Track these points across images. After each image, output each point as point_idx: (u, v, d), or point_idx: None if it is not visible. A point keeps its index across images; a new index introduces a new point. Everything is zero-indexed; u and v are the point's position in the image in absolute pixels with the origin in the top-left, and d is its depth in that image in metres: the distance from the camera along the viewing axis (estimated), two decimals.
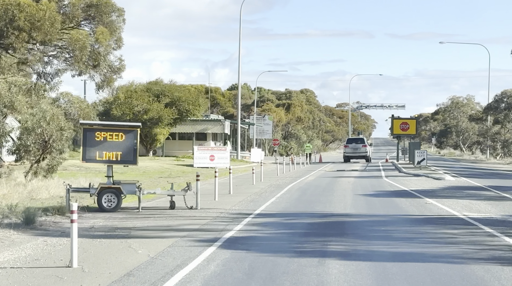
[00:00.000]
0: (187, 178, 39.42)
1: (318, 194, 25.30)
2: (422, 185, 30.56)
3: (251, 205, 21.26)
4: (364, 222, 16.61)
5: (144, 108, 56.27)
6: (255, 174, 35.03)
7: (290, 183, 32.55)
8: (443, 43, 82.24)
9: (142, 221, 16.91)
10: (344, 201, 22.36)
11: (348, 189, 27.89)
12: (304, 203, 21.88)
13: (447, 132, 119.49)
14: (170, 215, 18.41)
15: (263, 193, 26.15)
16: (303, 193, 26.32)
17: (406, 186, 29.88)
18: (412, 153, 56.71)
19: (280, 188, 28.96)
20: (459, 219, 17.03)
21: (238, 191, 27.53)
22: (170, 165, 50.53)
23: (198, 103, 58.79)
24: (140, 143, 60.71)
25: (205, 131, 62.63)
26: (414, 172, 40.53)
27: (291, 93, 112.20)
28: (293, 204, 21.62)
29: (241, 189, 28.82)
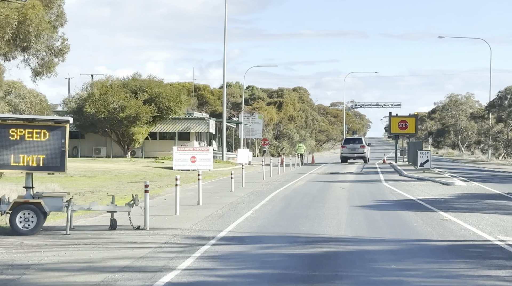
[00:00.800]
0: (162, 182, 34.73)
1: (305, 206, 20.63)
2: (430, 192, 25.91)
3: (219, 222, 16.58)
4: (365, 252, 11.94)
5: (120, 105, 51.52)
6: (237, 179, 30.39)
7: (275, 190, 27.91)
8: (442, 37, 77.35)
9: (58, 251, 12.20)
10: (337, 216, 17.69)
11: (343, 198, 23.23)
12: (286, 219, 17.20)
13: (445, 131, 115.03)
14: (105, 239, 13.72)
15: (240, 204, 21.47)
16: (288, 203, 21.65)
17: (411, 193, 25.25)
18: (412, 153, 52.13)
19: (261, 197, 24.30)
20: (498, 248, 12.35)
21: (210, 201, 22.85)
22: (147, 168, 45.85)
23: (179, 100, 54.02)
24: (117, 143, 56.15)
25: (188, 130, 57.89)
26: (416, 175, 35.91)
27: (283, 91, 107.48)
28: (273, 220, 16.95)
29: (214, 198, 24.13)
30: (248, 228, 15.54)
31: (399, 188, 28.22)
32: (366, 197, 23.92)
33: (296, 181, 34.69)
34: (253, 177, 38.59)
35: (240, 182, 30.83)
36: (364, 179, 35.72)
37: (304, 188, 29.30)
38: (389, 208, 19.71)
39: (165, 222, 16.63)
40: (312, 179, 36.58)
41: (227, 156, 58.33)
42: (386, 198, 23.33)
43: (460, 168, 50.93)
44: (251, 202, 22.31)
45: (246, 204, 21.58)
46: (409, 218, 17.00)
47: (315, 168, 50.65)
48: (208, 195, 25.44)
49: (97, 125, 52.35)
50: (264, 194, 25.53)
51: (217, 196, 24.88)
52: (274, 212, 18.99)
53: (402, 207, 20.11)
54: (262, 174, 37.13)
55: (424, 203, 21.22)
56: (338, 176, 39.09)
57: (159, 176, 40.02)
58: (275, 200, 22.84)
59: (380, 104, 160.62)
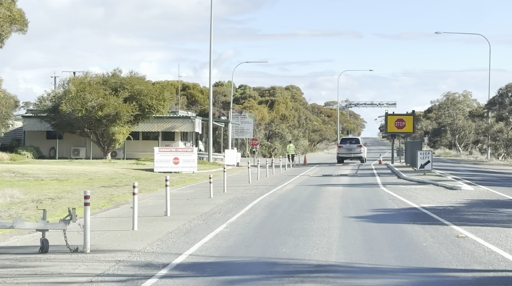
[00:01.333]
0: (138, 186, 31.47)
1: (291, 217, 17.45)
2: (435, 198, 22.75)
3: (181, 241, 13.37)
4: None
5: (99, 103, 48.26)
6: (219, 183, 27.30)
7: (260, 196, 24.74)
8: (439, 33, 74.28)
9: None
10: (328, 231, 14.51)
11: (335, 207, 20.05)
12: (266, 236, 14.02)
13: (441, 130, 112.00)
14: (24, 269, 10.51)
15: (214, 215, 18.29)
16: (271, 214, 18.47)
17: (413, 200, 22.09)
18: (410, 154, 49.01)
19: (242, 205, 21.13)
20: None
21: (181, 210, 19.67)
22: (126, 170, 42.65)
23: (162, 98, 50.74)
24: (96, 144, 52.88)
25: (172, 129, 54.62)
26: (417, 178, 32.76)
27: (275, 89, 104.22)
28: (249, 238, 13.76)
29: (187, 207, 20.92)
30: (215, 249, 12.34)
31: (399, 193, 25.06)
32: (362, 204, 20.75)
33: (285, 184, 31.53)
34: (238, 180, 35.46)
35: (224, 186, 27.63)
36: (360, 182, 32.58)
37: (293, 193, 26.12)
38: (390, 220, 16.52)
39: (115, 241, 13.44)
40: (302, 182, 33.43)
41: (214, 157, 55.13)
42: (385, 206, 20.14)
43: (461, 169, 47.85)
44: (229, 211, 19.12)
45: (222, 214, 18.39)
46: (417, 235, 13.82)
47: (307, 169, 47.51)
48: (183, 203, 22.28)
49: (74, 125, 49.08)
50: (245, 201, 22.34)
51: (191, 204, 21.68)
52: (253, 226, 15.80)
53: (405, 218, 16.92)
54: (248, 177, 33.93)
55: (430, 213, 18.05)
56: (331, 179, 35.95)
57: (137, 179, 36.81)
58: (257, 209, 19.65)
59: (374, 103, 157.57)
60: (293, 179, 36.18)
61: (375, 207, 20.01)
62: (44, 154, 53.50)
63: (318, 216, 17.56)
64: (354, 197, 23.49)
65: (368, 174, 40.35)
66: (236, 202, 22.14)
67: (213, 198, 23.91)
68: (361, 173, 41.66)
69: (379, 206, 20.17)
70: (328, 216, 17.54)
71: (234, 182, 34.02)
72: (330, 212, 18.59)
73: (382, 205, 20.66)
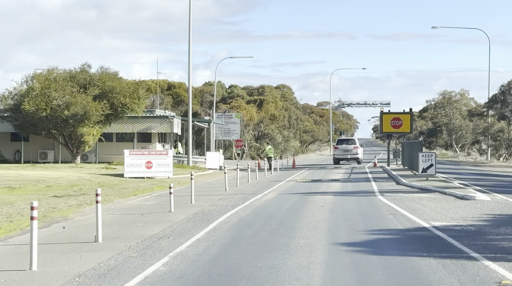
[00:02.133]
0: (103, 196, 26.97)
1: (261, 244, 12.97)
2: (447, 212, 18.29)
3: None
4: None
5: (65, 101, 43.68)
6: (187, 192, 22.84)
7: (231, 208, 20.30)
8: (436, 27, 70.01)
9: None
10: (307, 273, 10.02)
11: (322, 226, 15.58)
12: (214, 282, 9.54)
13: (437, 131, 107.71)
14: None
15: (161, 240, 13.82)
16: (235, 238, 13.99)
17: (420, 214, 17.64)
18: (408, 156, 44.60)
19: (204, 223, 16.68)
20: None
21: (121, 232, 15.20)
22: (92, 175, 38.12)
23: (137, 95, 46.16)
24: (64, 146, 48.29)
25: (149, 130, 50.03)
26: (419, 184, 28.32)
27: (264, 88, 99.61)
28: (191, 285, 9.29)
29: (133, 227, 16.43)
30: None
31: (400, 204, 20.60)
32: (355, 222, 16.27)
33: (266, 193, 27.07)
34: (214, 188, 31.00)
35: (191, 196, 23.13)
36: (353, 189, 28.12)
37: (272, 205, 21.64)
38: (396, 251, 12.02)
39: None
40: (287, 189, 28.97)
41: (194, 160, 50.61)
42: (386, 226, 15.65)
43: (464, 172, 43.51)
44: (183, 234, 14.65)
45: (172, 239, 13.92)
46: (438, 281, 9.33)
47: (295, 173, 43.06)
48: (132, 220, 17.83)
49: (38, 126, 44.46)
50: (211, 217, 17.88)
51: (141, 222, 17.19)
52: (203, 261, 11.30)
53: (415, 247, 12.43)
54: (225, 184, 29.42)
55: (447, 236, 13.58)
56: (321, 185, 31.49)
57: (101, 186, 32.33)
58: (220, 230, 15.17)
59: (368, 103, 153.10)
60: (277, 185, 31.73)
61: (372, 226, 15.53)
62: (8, 158, 48.89)
63: (297, 242, 13.07)
64: (346, 211, 19.02)
65: (362, 178, 35.93)
66: (199, 219, 17.66)
67: (173, 213, 19.46)
68: (355, 177, 37.23)
69: (377, 226, 15.69)
70: (310, 242, 13.05)
71: (208, 190, 29.58)
72: (314, 235, 14.12)
73: (382, 223, 16.18)
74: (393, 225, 15.74)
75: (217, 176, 41.46)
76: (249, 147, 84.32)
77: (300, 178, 37.33)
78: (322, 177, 37.63)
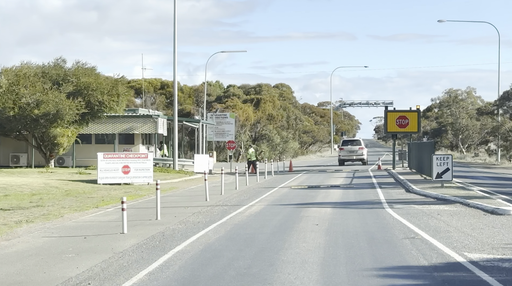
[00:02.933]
0: (53, 207, 22.66)
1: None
2: (480, 235, 13.86)
3: None
4: None
5: (36, 99, 39.31)
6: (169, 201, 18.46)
7: (202, 228, 15.98)
8: (442, 21, 65.59)
9: None
10: None
11: (313, 261, 11.18)
12: None
13: (442, 131, 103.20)
14: None
15: (83, 284, 9.44)
16: (189, 283, 9.60)
17: (446, 238, 13.25)
18: (417, 158, 40.21)
19: (156, 253, 12.34)
20: None
21: (35, 271, 10.89)
22: (62, 182, 33.73)
23: (116, 93, 41.72)
24: (37, 149, 43.96)
25: (131, 131, 45.61)
26: (434, 192, 23.89)
27: (262, 87, 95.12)
28: None
29: (60, 259, 12.05)
30: None
31: (416, 222, 16.20)
32: (360, 254, 11.86)
33: (252, 203, 22.70)
34: (194, 197, 26.66)
35: (157, 211, 18.76)
36: (356, 199, 23.73)
37: (255, 222, 17.25)
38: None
39: None
40: (278, 199, 24.58)
41: (181, 163, 46.22)
42: (403, 261, 11.21)
43: (479, 176, 39.12)
44: (115, 275, 10.29)
45: (98, 283, 9.54)
46: None
47: (291, 178, 38.66)
48: (68, 246, 13.56)
49: (5, 126, 40.04)
50: (169, 244, 13.53)
51: (74, 251, 12.85)
52: None
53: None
54: (205, 193, 25.00)
55: (499, 284, 9.17)
56: (318, 193, 27.09)
57: (67, 195, 28.10)
58: (171, 270, 10.79)
59: (370, 103, 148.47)
60: (267, 193, 27.34)
61: (384, 261, 11.10)
62: None
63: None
64: (348, 233, 14.62)
65: (366, 184, 31.53)
66: (152, 246, 13.29)
67: (125, 236, 15.12)
68: (357, 183, 32.84)
69: (391, 259, 11.26)
70: None
71: (187, 200, 25.27)
72: (302, 278, 9.73)
73: (396, 254, 11.76)
74: (413, 258, 11.31)
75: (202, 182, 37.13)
76: (246, 149, 79.92)
77: (296, 184, 32.96)
78: (320, 183, 33.26)
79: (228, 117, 69.99)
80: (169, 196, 27.49)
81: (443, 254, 11.59)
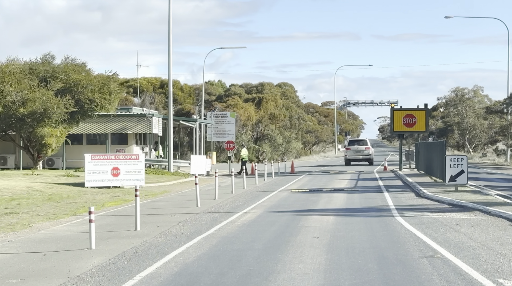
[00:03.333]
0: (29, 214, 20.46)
1: None
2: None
3: None
4: None
5: (22, 97, 37.11)
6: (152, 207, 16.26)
7: (184, 242, 13.76)
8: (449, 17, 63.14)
9: None
10: None
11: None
12: None
13: (448, 130, 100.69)
14: None
15: None
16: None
17: (472, 259, 10.97)
18: (425, 158, 37.92)
19: (121, 277, 10.14)
20: None
21: None
22: (46, 185, 31.49)
23: (107, 90, 39.47)
24: (24, 150, 41.73)
25: (124, 131, 43.35)
26: (448, 197, 21.59)
27: (264, 85, 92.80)
28: None
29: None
30: None
31: (433, 234, 13.92)
32: (370, 281, 9.58)
33: (246, 210, 20.44)
34: (185, 202, 24.43)
35: (136, 220, 16.50)
36: (361, 204, 21.45)
37: (246, 234, 14.98)
38: None
39: None
40: (276, 204, 22.31)
41: (177, 165, 43.98)
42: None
43: (492, 178, 36.82)
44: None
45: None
46: None
47: (292, 180, 36.39)
48: (20, 267, 11.31)
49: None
50: (139, 264, 11.27)
51: (23, 275, 10.62)
52: None
53: None
54: (196, 198, 22.73)
55: None
56: (320, 197, 24.80)
57: (48, 200, 25.88)
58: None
59: (375, 102, 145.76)
60: (265, 198, 25.07)
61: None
62: None
63: None
64: (353, 249, 12.33)
65: (372, 187, 29.24)
66: (118, 268, 11.05)
67: (91, 252, 12.92)
68: (362, 186, 30.56)
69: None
70: None
71: (176, 205, 23.04)
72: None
73: (415, 281, 9.46)
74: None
75: (201, 184, 34.81)
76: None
77: (296, 187, 30.69)
78: (323, 186, 30.98)
79: (228, 116, 67.68)
80: (158, 201, 25.27)
81: (473, 281, 9.30)
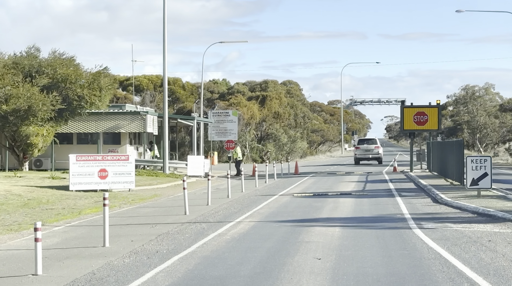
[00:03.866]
0: None
1: None
2: None
3: None
4: None
5: (4, 93, 34.53)
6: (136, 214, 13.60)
7: (155, 266, 11.15)
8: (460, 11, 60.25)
9: None
10: None
11: None
12: None
13: (457, 129, 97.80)
14: None
15: None
16: None
17: None
18: (438, 159, 35.19)
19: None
20: None
21: None
22: (27, 188, 28.88)
23: (98, 86, 36.81)
24: (9, 150, 39.10)
25: (117, 129, 40.73)
26: (471, 203, 18.87)
27: (268, 83, 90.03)
28: None
29: None
30: None
31: (463, 255, 11.24)
32: None
33: (240, 219, 17.78)
34: (174, 208, 21.79)
35: (104, 235, 13.86)
36: (371, 213, 18.74)
37: (234, 253, 12.31)
38: None
39: None
40: (274, 212, 19.63)
41: (173, 166, 41.31)
42: None
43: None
44: None
45: None
46: None
47: (295, 182, 33.67)
48: None
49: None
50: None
51: None
52: None
53: None
54: (185, 205, 20.06)
55: None
56: (325, 203, 22.09)
57: (24, 206, 23.37)
58: None
59: (382, 100, 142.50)
60: (264, 203, 22.38)
61: None
62: None
63: None
64: (364, 278, 9.65)
65: (382, 191, 26.53)
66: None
67: (34, 280, 10.26)
68: (372, 189, 27.85)
69: None
70: None
71: (162, 212, 20.43)
72: None
73: None
74: None
75: (197, 187, 32.27)
76: (251, 149, 74.97)
77: (299, 190, 27.99)
78: (328, 189, 28.28)
79: (230, 115, 64.84)
80: (144, 208, 22.64)
81: None
